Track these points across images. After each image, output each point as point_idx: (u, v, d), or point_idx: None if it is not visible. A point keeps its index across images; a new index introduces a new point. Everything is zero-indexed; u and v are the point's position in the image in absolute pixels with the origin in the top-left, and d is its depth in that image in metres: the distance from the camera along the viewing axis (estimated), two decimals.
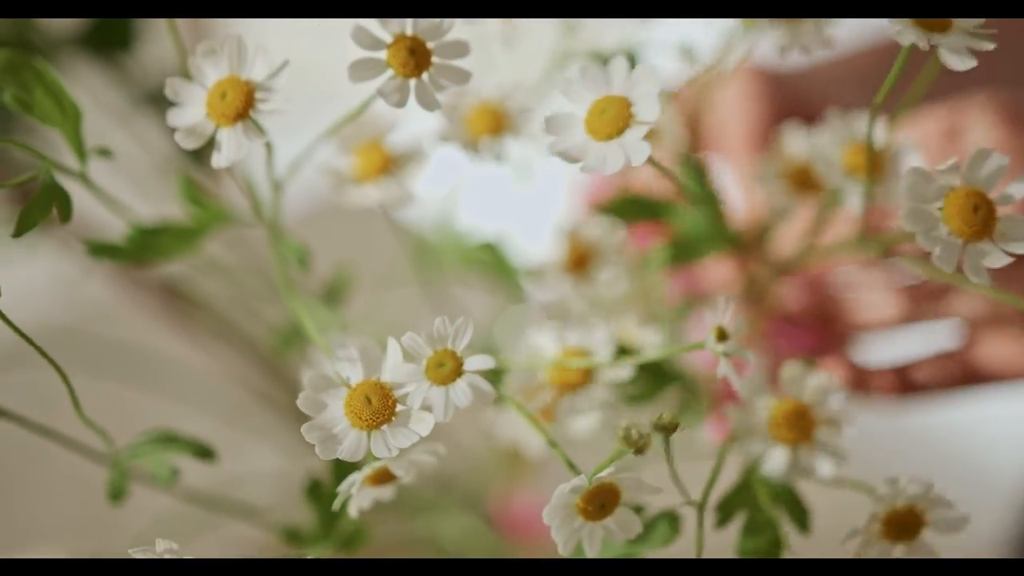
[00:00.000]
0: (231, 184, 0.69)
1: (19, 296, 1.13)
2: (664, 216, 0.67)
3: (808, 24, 0.59)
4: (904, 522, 0.55)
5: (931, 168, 0.51)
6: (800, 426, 0.58)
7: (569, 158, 0.51)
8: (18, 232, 0.52)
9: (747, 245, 0.68)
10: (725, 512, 0.58)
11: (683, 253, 0.66)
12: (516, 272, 0.73)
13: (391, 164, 0.62)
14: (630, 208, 0.67)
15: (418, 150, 0.63)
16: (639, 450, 0.50)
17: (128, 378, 0.94)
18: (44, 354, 0.52)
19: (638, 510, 0.54)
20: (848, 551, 0.55)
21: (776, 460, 0.58)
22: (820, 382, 0.58)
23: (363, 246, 1.01)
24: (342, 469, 0.58)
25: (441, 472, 0.94)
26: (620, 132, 0.50)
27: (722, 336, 0.53)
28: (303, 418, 0.51)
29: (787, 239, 0.69)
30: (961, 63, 0.50)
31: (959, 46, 0.50)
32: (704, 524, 0.55)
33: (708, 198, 0.66)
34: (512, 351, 0.66)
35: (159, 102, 0.95)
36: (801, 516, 0.59)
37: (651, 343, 0.64)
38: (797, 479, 0.58)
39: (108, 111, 0.89)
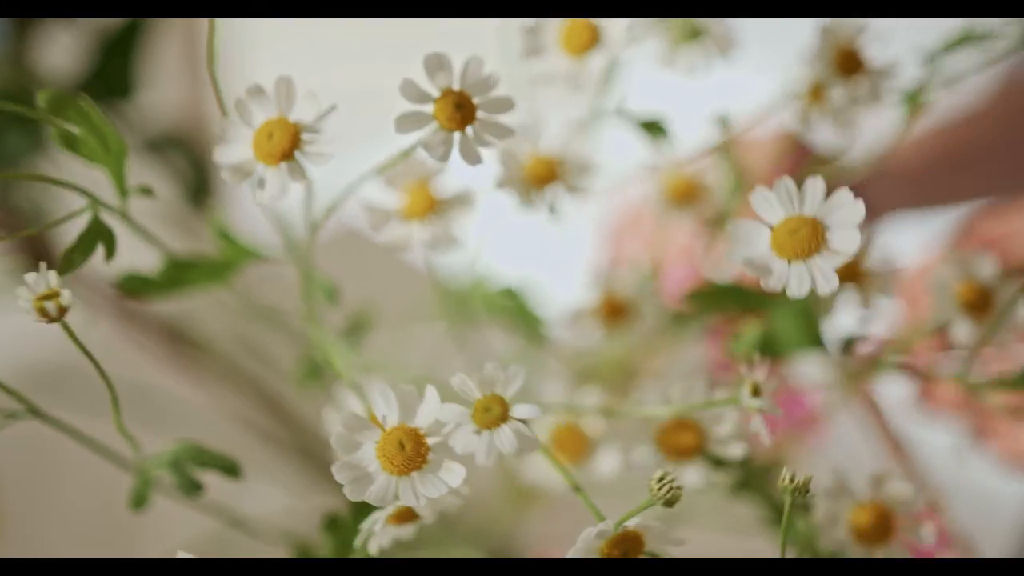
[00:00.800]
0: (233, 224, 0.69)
1: (24, 336, 1.13)
2: (757, 307, 0.67)
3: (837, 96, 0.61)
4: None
5: None
6: (882, 528, 0.59)
7: (751, 269, 0.50)
8: (65, 268, 0.52)
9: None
10: None
11: (771, 347, 0.66)
12: (537, 318, 0.74)
13: (437, 206, 0.63)
14: (731, 296, 0.67)
15: (467, 195, 0.63)
16: (669, 503, 0.51)
17: (131, 417, 0.93)
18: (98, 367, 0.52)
19: (656, 557, 0.54)
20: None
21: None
22: (903, 491, 0.59)
23: (373, 276, 1.02)
24: (361, 504, 0.58)
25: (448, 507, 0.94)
26: (810, 256, 0.50)
27: (756, 392, 0.54)
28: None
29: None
30: None
31: None
32: None
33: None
34: (533, 393, 0.67)
35: (159, 148, 0.96)
36: None
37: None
38: None
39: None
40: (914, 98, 0.68)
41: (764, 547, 0.70)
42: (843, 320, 0.68)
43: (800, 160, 0.78)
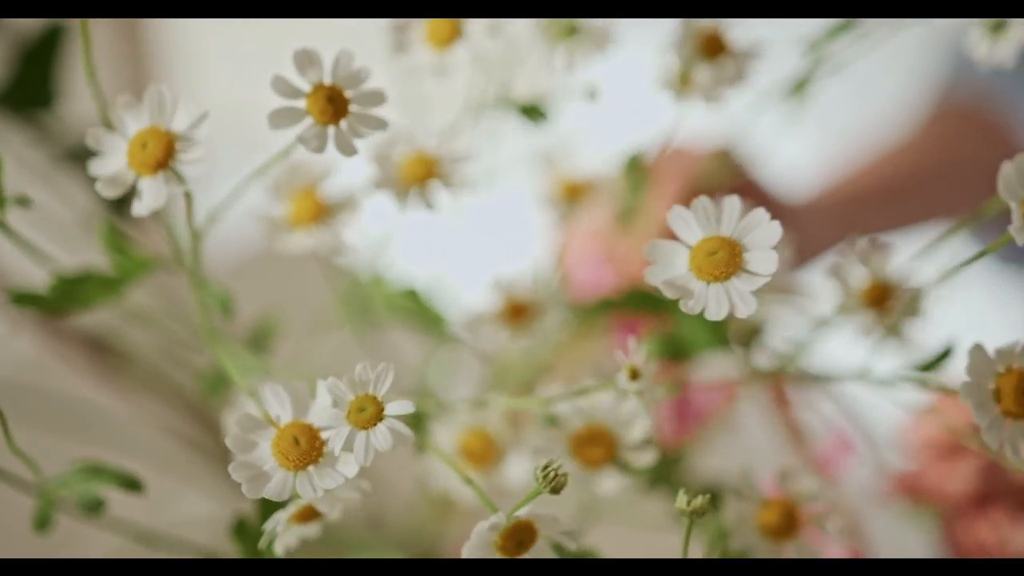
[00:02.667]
0: (158, 234, 0.69)
1: None
2: (670, 312, 0.67)
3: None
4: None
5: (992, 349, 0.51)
6: (789, 524, 0.60)
7: (669, 290, 0.50)
8: None
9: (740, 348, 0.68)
10: None
11: (677, 349, 0.66)
12: (440, 319, 0.74)
13: (324, 212, 0.63)
14: (634, 301, 0.67)
15: (351, 198, 0.64)
16: (555, 490, 0.51)
17: (57, 429, 0.93)
18: None
19: (558, 550, 0.54)
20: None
21: (763, 555, 0.60)
22: (809, 485, 0.60)
23: (299, 293, 1.02)
24: (268, 508, 0.58)
25: (374, 512, 0.95)
26: (728, 278, 0.50)
27: (634, 375, 0.54)
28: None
29: None
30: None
31: None
32: None
33: None
34: (444, 393, 0.67)
35: (80, 159, 0.95)
36: None
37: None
38: None
39: (30, 169, 0.90)
40: (800, 86, 0.68)
41: (677, 543, 0.71)
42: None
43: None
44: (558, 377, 0.81)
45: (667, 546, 0.67)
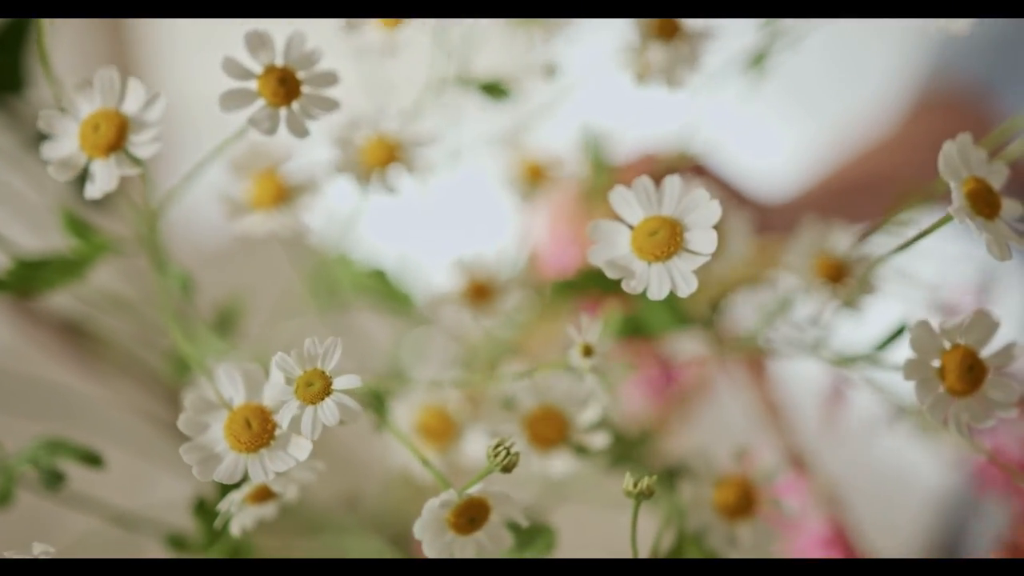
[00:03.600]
0: (125, 216, 0.70)
1: None
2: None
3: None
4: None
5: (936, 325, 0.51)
6: (745, 503, 0.60)
7: (611, 271, 0.50)
8: None
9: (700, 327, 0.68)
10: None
11: (638, 329, 0.66)
12: (407, 298, 0.74)
13: (286, 194, 0.63)
14: (596, 281, 0.67)
15: (313, 180, 0.64)
16: (506, 468, 0.51)
17: (33, 414, 0.94)
18: None
19: (515, 527, 0.55)
20: None
21: (719, 534, 0.60)
22: (767, 464, 0.61)
23: (270, 279, 1.02)
24: (226, 487, 0.59)
25: (350, 494, 0.95)
26: (669, 258, 0.50)
27: (588, 352, 0.55)
28: None
29: None
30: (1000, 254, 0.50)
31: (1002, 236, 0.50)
32: None
33: None
34: (415, 373, 0.67)
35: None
36: None
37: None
38: (729, 550, 0.60)
39: (0, 154, 0.90)
40: (758, 60, 0.69)
41: (644, 521, 0.71)
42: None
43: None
44: (527, 359, 0.81)
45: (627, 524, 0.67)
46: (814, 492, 0.76)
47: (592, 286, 0.67)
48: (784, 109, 1.45)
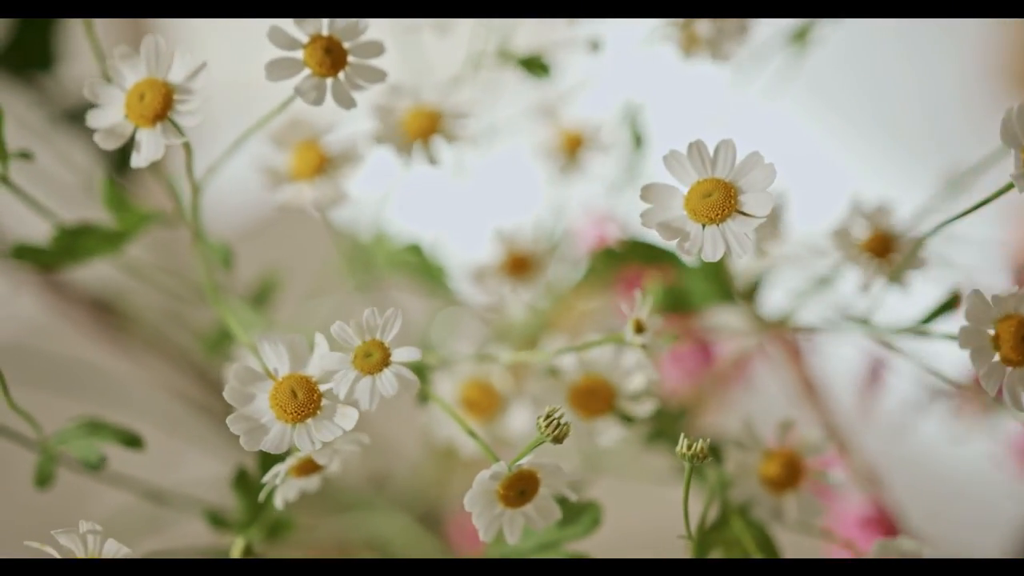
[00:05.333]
0: (159, 192, 0.69)
1: None
2: (672, 264, 0.67)
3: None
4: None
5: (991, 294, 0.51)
6: (791, 475, 0.60)
7: (665, 232, 0.50)
8: None
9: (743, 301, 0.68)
10: (703, 545, 0.59)
11: (680, 302, 0.66)
12: (443, 273, 0.74)
13: (327, 164, 0.63)
14: (637, 252, 0.67)
15: (354, 151, 0.63)
16: (557, 439, 0.51)
17: (62, 391, 0.94)
18: None
19: (562, 501, 0.54)
20: None
21: (764, 507, 0.59)
22: (810, 436, 0.60)
23: (305, 254, 1.02)
24: (269, 460, 0.59)
25: (377, 471, 0.95)
26: (723, 220, 0.50)
27: (639, 329, 0.54)
28: None
29: None
30: None
31: None
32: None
33: None
34: (447, 351, 0.67)
35: (80, 120, 0.95)
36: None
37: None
38: (777, 524, 0.60)
39: (29, 130, 0.90)
40: (802, 34, 0.68)
41: (679, 496, 0.71)
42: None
43: None
44: (560, 333, 0.81)
45: (669, 499, 0.66)
46: (854, 471, 0.76)
47: (634, 257, 0.66)
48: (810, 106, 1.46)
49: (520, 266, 0.71)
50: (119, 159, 0.96)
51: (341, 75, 0.52)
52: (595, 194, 0.80)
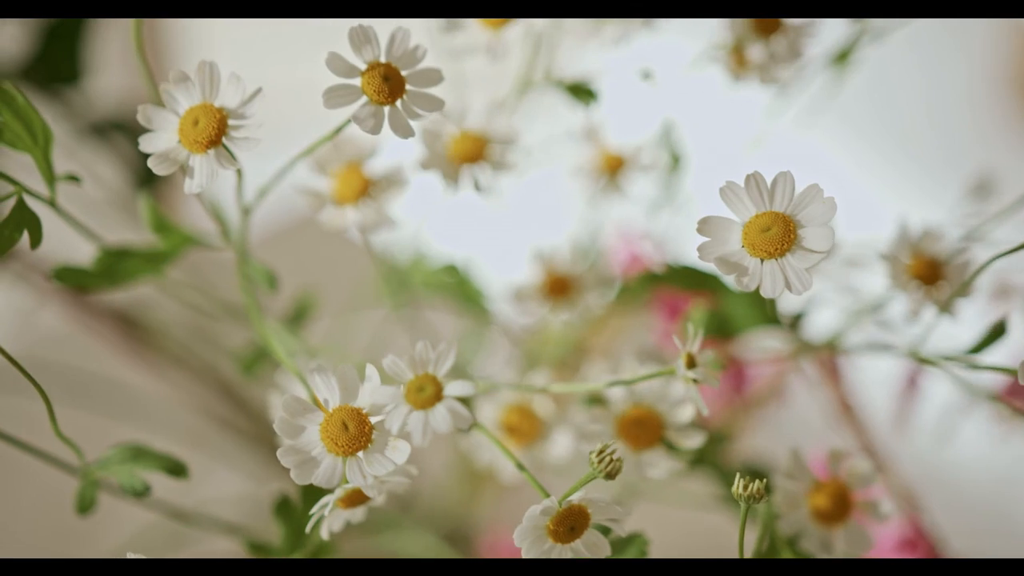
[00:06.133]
0: (184, 210, 0.69)
1: None
2: (716, 289, 0.66)
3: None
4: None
5: None
6: (840, 508, 0.59)
7: (723, 267, 0.49)
8: None
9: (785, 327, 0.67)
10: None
11: (722, 326, 0.65)
12: (480, 294, 0.74)
13: (370, 188, 0.62)
14: (680, 277, 0.66)
15: (398, 175, 0.63)
16: (610, 475, 0.51)
17: (86, 405, 0.93)
18: (28, 375, 0.52)
19: (606, 532, 0.54)
20: None
21: (813, 539, 0.59)
22: (861, 468, 0.59)
23: (326, 264, 1.01)
24: (312, 488, 0.58)
25: (404, 492, 0.94)
26: (782, 254, 0.49)
27: (691, 363, 0.54)
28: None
29: None
30: None
31: None
32: None
33: None
34: (478, 370, 0.66)
35: (105, 134, 0.95)
36: None
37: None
38: (824, 555, 0.59)
39: (55, 144, 0.89)
40: (843, 56, 0.68)
41: (722, 522, 0.70)
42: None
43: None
44: (592, 353, 0.81)
45: (709, 526, 0.66)
46: (892, 492, 0.75)
47: (676, 281, 0.66)
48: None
49: (560, 287, 0.70)
50: (144, 174, 0.96)
51: (399, 103, 0.52)
52: (629, 214, 0.79)
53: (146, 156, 0.94)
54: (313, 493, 0.60)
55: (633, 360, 0.65)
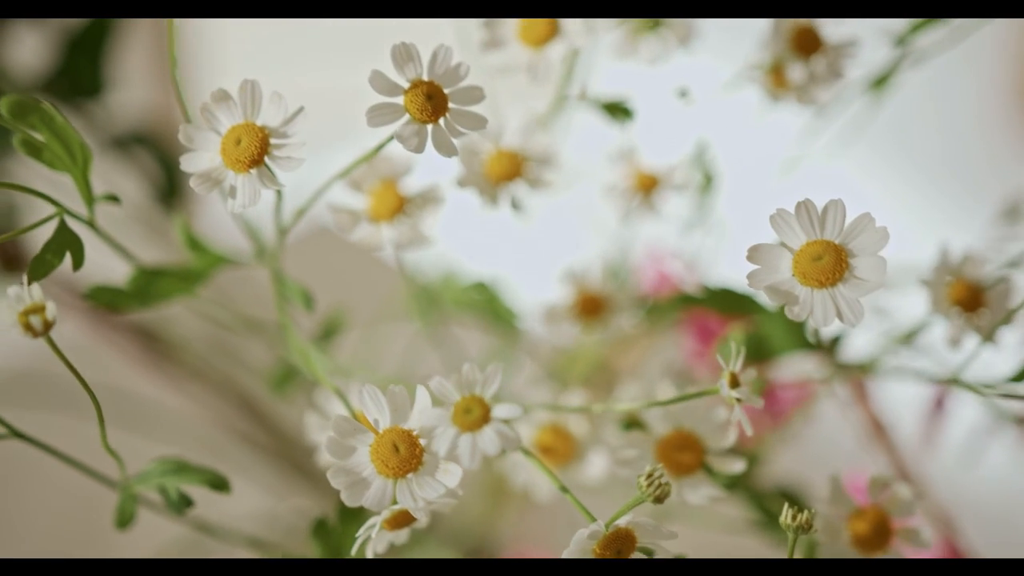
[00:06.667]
0: (203, 223, 0.69)
1: None
2: (753, 312, 0.66)
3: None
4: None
5: None
6: (880, 535, 0.58)
7: (773, 296, 0.49)
8: (32, 278, 0.51)
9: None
10: None
11: (758, 349, 0.65)
12: (510, 312, 0.73)
13: (406, 205, 0.62)
14: (718, 299, 0.66)
15: (433, 192, 0.62)
16: (659, 499, 0.50)
17: (106, 419, 0.93)
18: (79, 377, 0.53)
19: (649, 553, 0.53)
20: None
21: None
22: (902, 495, 0.59)
23: (346, 273, 1.01)
24: (347, 509, 0.58)
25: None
26: (833, 284, 0.49)
27: (735, 383, 0.53)
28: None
29: None
30: None
31: None
32: None
33: None
34: (511, 392, 0.66)
35: (126, 147, 0.95)
36: None
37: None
38: None
39: None
40: (882, 80, 0.67)
41: (756, 546, 0.70)
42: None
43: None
44: (618, 372, 0.80)
45: (742, 550, 0.66)
46: (925, 513, 0.75)
47: (716, 305, 0.65)
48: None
49: (592, 307, 0.70)
50: (166, 188, 0.95)
51: (442, 121, 0.51)
52: (659, 233, 0.79)
53: (167, 170, 0.95)
54: (349, 513, 0.60)
55: (667, 381, 0.65)
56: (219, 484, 0.58)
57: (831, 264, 0.49)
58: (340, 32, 1.47)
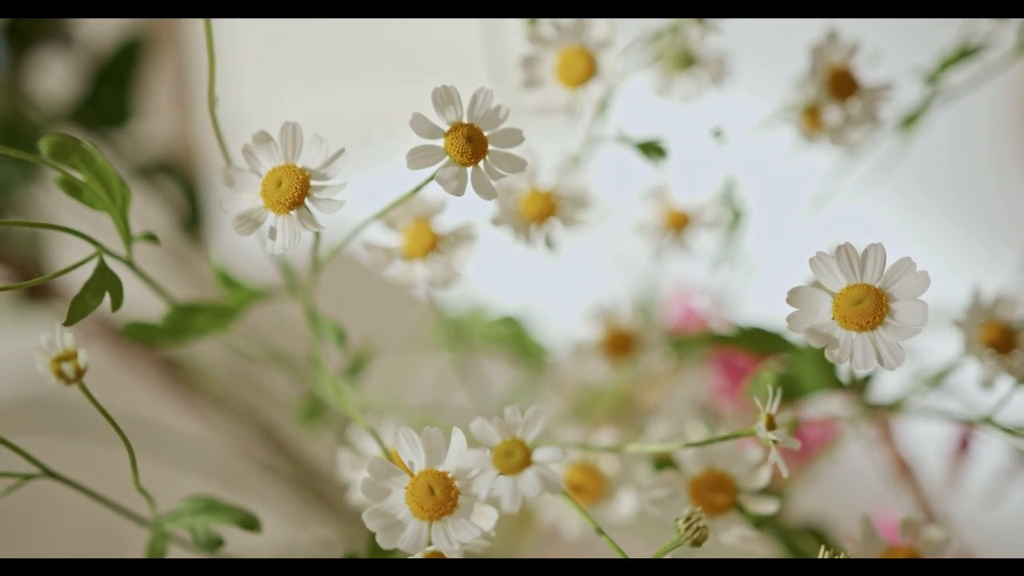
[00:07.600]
0: (225, 253, 0.68)
1: (13, 366, 1.12)
2: (784, 351, 0.66)
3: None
4: None
5: None
6: None
7: (813, 338, 0.49)
8: (70, 320, 0.51)
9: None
10: None
11: (791, 388, 0.65)
12: (538, 347, 0.73)
13: (439, 243, 0.62)
14: (753, 338, 0.66)
15: (467, 230, 0.62)
16: (697, 542, 0.50)
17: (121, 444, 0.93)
18: (110, 419, 0.53)
19: None
20: None
21: None
22: (935, 536, 0.58)
23: (369, 302, 1.01)
24: (376, 547, 0.57)
25: None
26: (874, 328, 0.49)
27: (771, 425, 0.53)
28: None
29: None
30: None
31: None
32: None
33: None
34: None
35: (151, 176, 0.95)
36: None
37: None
38: None
39: None
40: (912, 119, 0.67)
41: None
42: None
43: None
44: (642, 406, 0.80)
45: None
46: (954, 554, 0.75)
47: (746, 343, 0.65)
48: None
49: (621, 344, 0.70)
50: (189, 217, 0.95)
51: (481, 164, 0.51)
52: (686, 269, 0.79)
53: (190, 198, 0.95)
54: (378, 551, 0.60)
55: (697, 420, 0.65)
56: (250, 524, 0.58)
57: (871, 308, 0.49)
58: (357, 54, 1.48)
